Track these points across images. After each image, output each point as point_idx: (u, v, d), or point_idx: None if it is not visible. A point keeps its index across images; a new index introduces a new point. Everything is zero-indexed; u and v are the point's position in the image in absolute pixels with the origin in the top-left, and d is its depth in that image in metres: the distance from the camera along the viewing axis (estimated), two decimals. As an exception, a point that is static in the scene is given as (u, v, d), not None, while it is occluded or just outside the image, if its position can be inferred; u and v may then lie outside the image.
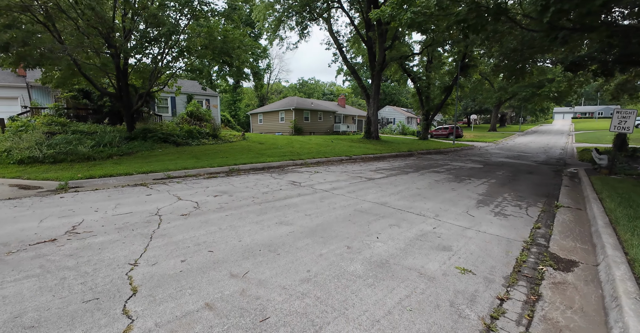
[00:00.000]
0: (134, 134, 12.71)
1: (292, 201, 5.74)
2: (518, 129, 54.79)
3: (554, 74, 41.81)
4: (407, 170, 10.76)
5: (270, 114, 37.25)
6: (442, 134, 39.08)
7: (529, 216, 5.53)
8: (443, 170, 11.27)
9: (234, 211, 5.01)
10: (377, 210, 5.30)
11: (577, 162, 16.61)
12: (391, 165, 12.21)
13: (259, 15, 22.97)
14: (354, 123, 43.52)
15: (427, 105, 30.84)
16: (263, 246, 3.60)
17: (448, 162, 14.28)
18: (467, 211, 5.58)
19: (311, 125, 35.56)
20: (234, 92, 50.90)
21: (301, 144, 17.14)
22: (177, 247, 3.53)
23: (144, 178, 8.12)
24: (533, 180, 9.84)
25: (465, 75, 27.60)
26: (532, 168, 12.86)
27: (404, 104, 65.39)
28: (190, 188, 6.94)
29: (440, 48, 28.34)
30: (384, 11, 10.13)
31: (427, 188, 7.57)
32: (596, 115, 73.95)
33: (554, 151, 23.45)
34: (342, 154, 14.57)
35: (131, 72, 13.24)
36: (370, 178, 8.80)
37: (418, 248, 3.73)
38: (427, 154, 18.94)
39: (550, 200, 6.92)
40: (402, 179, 8.75)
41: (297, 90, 77.76)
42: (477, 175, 10.30)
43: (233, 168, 9.83)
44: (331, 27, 24.48)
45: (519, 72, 20.94)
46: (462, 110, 60.45)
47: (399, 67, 29.60)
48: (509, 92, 46.06)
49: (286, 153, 13.51)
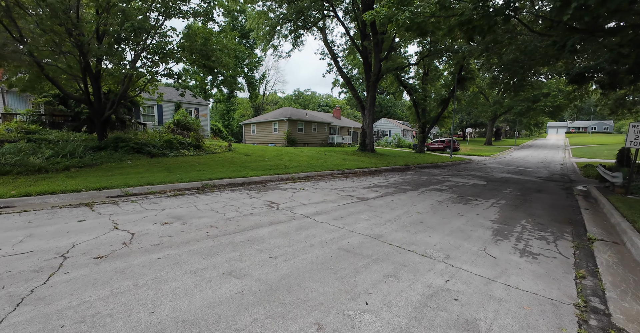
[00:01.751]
0: (104, 143, 11.36)
1: (260, 233, 4.40)
2: (514, 142, 54.08)
3: (549, 89, 41.38)
4: (404, 188, 9.47)
5: (264, 124, 36.08)
6: (439, 147, 38.06)
7: (563, 255, 4.24)
8: (444, 187, 10.00)
9: (173, 250, 3.66)
10: (369, 248, 3.97)
11: (582, 178, 15.47)
12: (387, 181, 10.93)
13: (252, 23, 22.05)
14: (349, 135, 42.48)
15: (424, 118, 29.87)
16: (184, 325, 2.25)
17: (448, 177, 13.03)
18: (484, 248, 4.27)
19: (305, 136, 34.39)
20: (228, 101, 49.75)
21: (291, 156, 15.86)
22: (45, 326, 2.17)
23: (94, 196, 6.76)
24: (545, 201, 8.59)
25: (462, 87, 26.72)
26: (539, 186, 11.64)
27: (400, 117, 64.71)
28: (142, 211, 5.58)
29: (437, 60, 27.61)
30: (379, 12, 9.03)
31: (429, 212, 6.27)
32: (589, 130, 73.72)
33: (554, 166, 22.39)
34: (333, 168, 13.29)
35: (105, 76, 12.01)
36: (362, 198, 7.48)
37: (427, 325, 2.40)
38: (425, 168, 17.73)
39: (576, 229, 5.65)
40: (399, 200, 7.45)
41: (292, 101, 77.06)
42: (483, 194, 9.04)
43: (207, 184, 8.49)
44: (326, 36, 23.61)
45: (519, 85, 20.05)
46: (458, 123, 59.83)
47: (394, 79, 28.72)
48: (504, 105, 45.56)
49: (272, 166, 12.20)
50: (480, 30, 7.72)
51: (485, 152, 34.91)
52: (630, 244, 4.84)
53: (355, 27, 23.78)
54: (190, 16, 9.93)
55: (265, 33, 21.97)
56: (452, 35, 8.54)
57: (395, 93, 38.68)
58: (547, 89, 40.87)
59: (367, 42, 20.37)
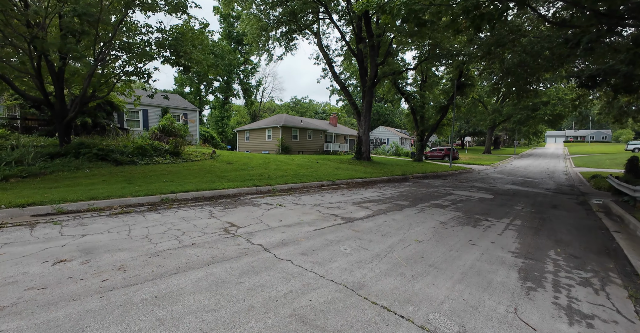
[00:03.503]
0: (64, 150, 9.96)
1: (181, 283, 2.94)
2: (513, 151, 52.77)
3: (549, 97, 40.28)
4: (401, 203, 8.03)
5: (257, 131, 34.76)
6: (438, 156, 36.69)
7: (624, 316, 2.82)
8: (447, 202, 8.56)
9: (21, 322, 2.21)
10: (340, 314, 2.52)
11: (593, 190, 14.02)
12: (381, 195, 9.50)
13: (246, 27, 20.90)
14: (345, 142, 41.16)
15: (422, 126, 28.55)
16: None
17: (450, 190, 11.60)
18: (514, 308, 2.82)
19: (300, 144, 33.04)
20: (222, 108, 48.49)
21: (279, 165, 14.45)
22: None
23: (13, 214, 5.33)
24: (566, 220, 7.15)
25: (461, 94, 25.48)
26: (551, 200, 10.21)
27: (398, 125, 63.50)
28: (53, 238, 4.15)
29: (435, 66, 26.47)
30: (370, 1, 7.74)
31: (432, 239, 4.82)
32: (588, 139, 72.38)
33: (559, 176, 20.98)
34: (323, 178, 11.87)
35: (74, 77, 10.69)
36: (349, 218, 6.04)
37: None
38: (424, 178, 16.30)
39: (620, 264, 4.23)
40: (394, 220, 6.01)
41: (290, 108, 76.04)
42: (493, 211, 7.60)
43: (167, 197, 7.06)
44: (320, 41, 22.46)
45: (522, 89, 18.78)
46: (457, 131, 58.61)
47: (392, 86, 27.53)
48: (503, 114, 44.46)
49: (254, 176, 10.77)
50: (490, 18, 6.40)
51: (485, 161, 33.53)
52: None
53: (351, 32, 22.69)
54: (159, 9, 8.65)
55: (258, 36, 20.83)
56: (456, 26, 7.23)
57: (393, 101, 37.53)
58: (547, 97, 39.78)
59: (362, 45, 19.20)
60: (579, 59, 15.19)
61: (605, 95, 21.84)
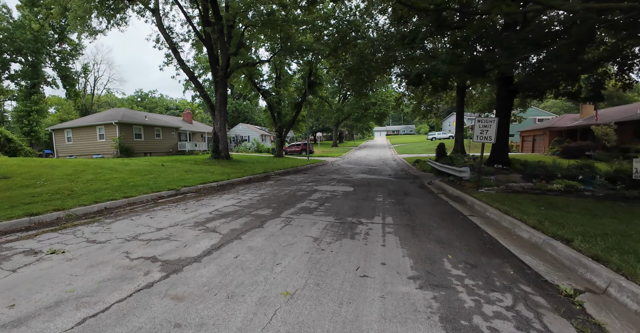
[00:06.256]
0: None
1: None
2: (353, 144, 59.70)
3: (376, 99, 47.00)
4: (262, 215, 5.95)
5: (84, 129, 25.80)
6: (296, 150, 36.91)
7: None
8: (315, 203, 7.06)
9: None
10: None
11: (420, 173, 15.89)
12: (239, 203, 7.18)
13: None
14: (203, 141, 36.25)
15: (280, 122, 27.52)
16: None
17: (313, 185, 10.38)
18: None
19: (146, 144, 26.45)
20: (28, 99, 34.33)
21: (99, 174, 9.92)
22: None
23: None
24: (424, 208, 6.80)
25: (312, 92, 25.71)
26: (399, 187, 10.39)
27: (258, 122, 61.50)
28: None
29: (287, 65, 25.72)
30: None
31: (309, 285, 2.89)
32: (401, 132, 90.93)
33: (391, 163, 23.77)
34: (163, 187, 8.53)
35: None
36: (175, 263, 3.47)
37: None
38: (286, 174, 14.88)
39: (514, 267, 3.42)
40: (250, 252, 3.83)
41: (135, 103, 62.42)
42: (361, 209, 6.52)
43: None
44: (161, 20, 17.61)
45: (362, 88, 19.94)
46: (310, 127, 61.76)
47: (248, 81, 25.20)
48: (344, 112, 49.17)
49: (42, 196, 6.46)
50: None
51: (335, 154, 35.82)
52: (626, 294, 2.72)
53: (198, 16, 18.81)
54: None
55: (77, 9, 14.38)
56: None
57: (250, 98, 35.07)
58: (375, 99, 46.24)
59: (210, 28, 15.98)
60: (401, 65, 16.88)
61: (416, 97, 26.13)
